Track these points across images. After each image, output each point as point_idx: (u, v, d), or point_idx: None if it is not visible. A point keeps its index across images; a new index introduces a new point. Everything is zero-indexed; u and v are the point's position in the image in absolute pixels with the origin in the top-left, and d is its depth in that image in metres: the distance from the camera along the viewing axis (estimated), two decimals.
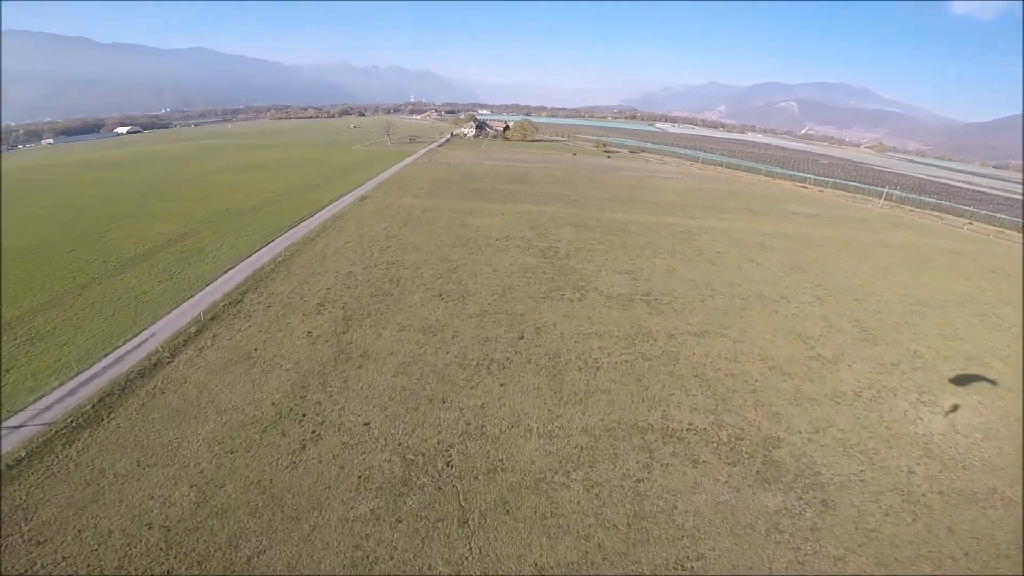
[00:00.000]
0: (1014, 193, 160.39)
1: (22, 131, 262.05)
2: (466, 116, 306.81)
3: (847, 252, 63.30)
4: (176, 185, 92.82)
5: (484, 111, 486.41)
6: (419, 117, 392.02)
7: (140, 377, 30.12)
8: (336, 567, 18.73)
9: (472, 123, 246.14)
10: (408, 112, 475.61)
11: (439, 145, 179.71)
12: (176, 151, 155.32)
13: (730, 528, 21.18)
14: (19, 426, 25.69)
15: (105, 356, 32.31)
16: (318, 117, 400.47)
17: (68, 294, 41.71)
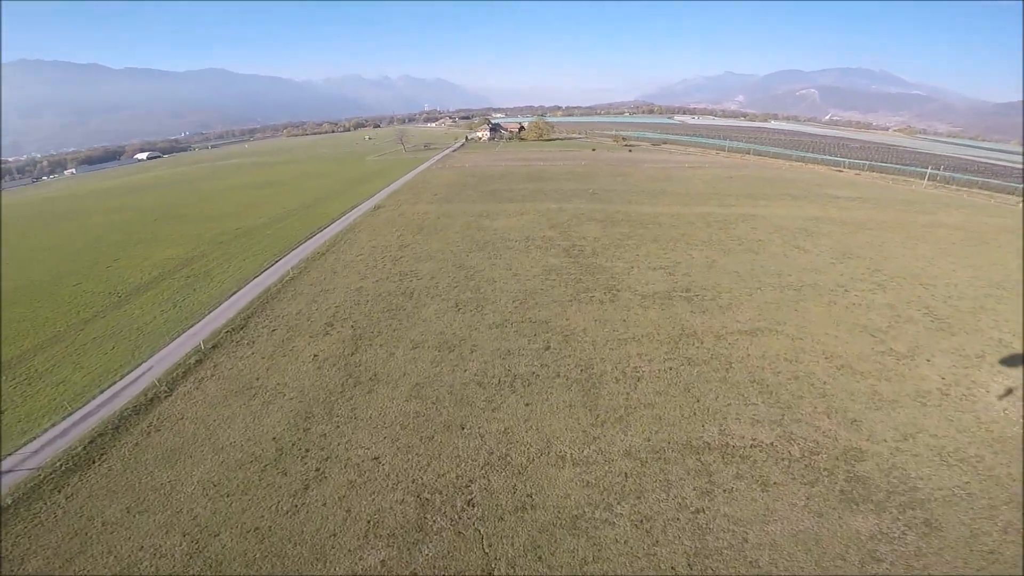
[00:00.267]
0: None
1: (46, 162, 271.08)
2: (480, 120, 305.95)
3: (902, 234, 58.10)
4: (189, 206, 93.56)
5: (498, 114, 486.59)
6: (434, 124, 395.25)
7: (135, 414, 28.03)
8: None
9: (486, 126, 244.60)
10: (423, 120, 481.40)
11: (454, 150, 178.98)
12: (194, 173, 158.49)
13: (815, 561, 17.79)
14: (8, 471, 24.08)
15: (101, 393, 30.49)
16: (333, 131, 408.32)
17: (71, 329, 40.43)
